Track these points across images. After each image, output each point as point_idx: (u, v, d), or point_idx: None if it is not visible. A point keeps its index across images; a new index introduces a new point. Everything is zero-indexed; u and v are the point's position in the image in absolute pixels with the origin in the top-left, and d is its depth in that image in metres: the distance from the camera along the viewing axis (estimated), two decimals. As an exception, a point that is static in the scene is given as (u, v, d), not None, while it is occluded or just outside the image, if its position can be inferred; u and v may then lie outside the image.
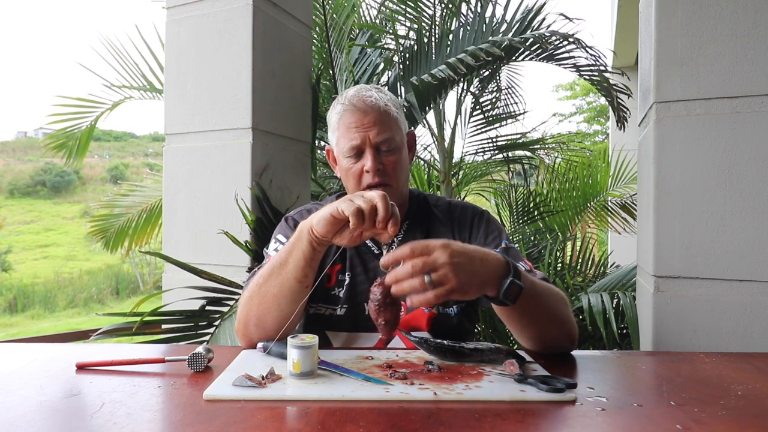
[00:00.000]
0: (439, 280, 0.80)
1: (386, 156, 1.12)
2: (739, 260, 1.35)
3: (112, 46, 3.17)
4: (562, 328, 0.99)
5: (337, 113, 1.15)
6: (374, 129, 1.11)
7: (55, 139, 3.33)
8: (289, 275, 0.97)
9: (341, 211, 0.88)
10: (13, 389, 0.80)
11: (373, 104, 1.12)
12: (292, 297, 0.99)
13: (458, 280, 0.81)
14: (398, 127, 1.16)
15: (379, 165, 1.10)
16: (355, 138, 1.11)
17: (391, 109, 1.14)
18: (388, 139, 1.12)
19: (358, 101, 1.12)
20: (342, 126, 1.13)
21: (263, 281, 1.00)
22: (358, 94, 1.14)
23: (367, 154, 1.11)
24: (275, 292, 0.99)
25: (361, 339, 1.13)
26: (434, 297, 0.80)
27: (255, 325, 1.01)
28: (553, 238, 3.14)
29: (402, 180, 1.16)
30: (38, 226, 25.40)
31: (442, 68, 2.02)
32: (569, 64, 2.29)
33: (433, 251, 0.81)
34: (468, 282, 0.82)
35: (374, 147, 1.11)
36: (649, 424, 0.67)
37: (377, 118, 1.11)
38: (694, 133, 1.39)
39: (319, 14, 2.49)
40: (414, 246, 0.82)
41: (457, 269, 0.81)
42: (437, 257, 0.81)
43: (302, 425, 0.67)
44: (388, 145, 1.12)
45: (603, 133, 14.86)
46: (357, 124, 1.11)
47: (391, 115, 1.14)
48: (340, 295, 1.14)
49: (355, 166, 1.12)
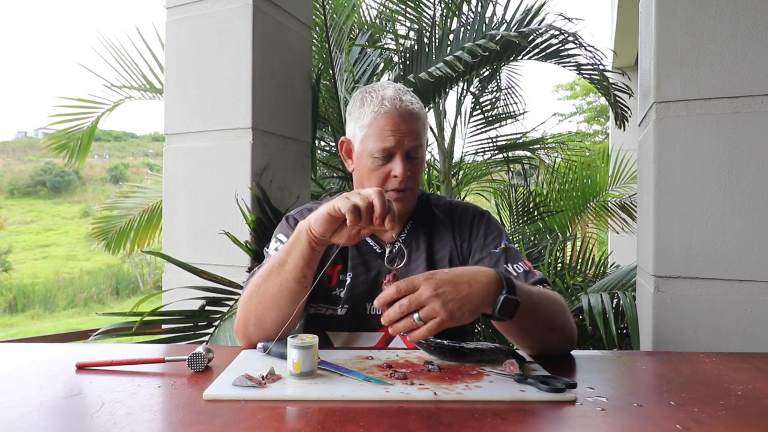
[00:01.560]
0: (428, 316, 0.82)
1: (414, 163, 1.13)
2: (739, 260, 1.35)
3: (112, 46, 3.17)
4: (562, 333, 0.99)
5: (373, 111, 1.11)
6: (409, 136, 1.10)
7: (56, 139, 3.33)
8: (288, 275, 0.97)
9: (338, 209, 0.88)
10: (13, 389, 0.80)
11: (413, 112, 1.11)
12: (291, 297, 0.99)
13: (446, 310, 0.82)
14: (426, 134, 1.17)
15: (408, 172, 1.10)
16: (390, 141, 1.09)
17: (422, 116, 1.15)
18: (418, 147, 1.12)
19: (400, 106, 1.10)
20: (376, 126, 1.11)
21: (262, 281, 1.00)
22: (399, 97, 1.11)
23: (398, 159, 1.10)
24: (274, 292, 0.99)
25: (361, 339, 1.13)
26: (427, 332, 0.81)
27: (254, 325, 1.01)
28: (553, 238, 3.14)
29: (420, 184, 1.18)
30: (38, 226, 25.41)
31: (440, 66, 2.02)
32: (571, 64, 2.29)
33: (417, 287, 0.83)
34: (458, 309, 0.83)
35: (405, 154, 1.11)
36: (649, 424, 0.67)
37: (414, 126, 1.11)
38: (694, 133, 1.39)
39: (319, 14, 2.49)
40: (399, 285, 0.83)
41: (444, 301, 0.82)
42: (421, 293, 0.82)
43: (302, 425, 0.66)
44: (417, 153, 1.13)
45: (603, 133, 14.86)
46: (394, 128, 1.09)
47: (424, 123, 1.15)
48: (341, 296, 1.14)
49: (381, 169, 1.11)
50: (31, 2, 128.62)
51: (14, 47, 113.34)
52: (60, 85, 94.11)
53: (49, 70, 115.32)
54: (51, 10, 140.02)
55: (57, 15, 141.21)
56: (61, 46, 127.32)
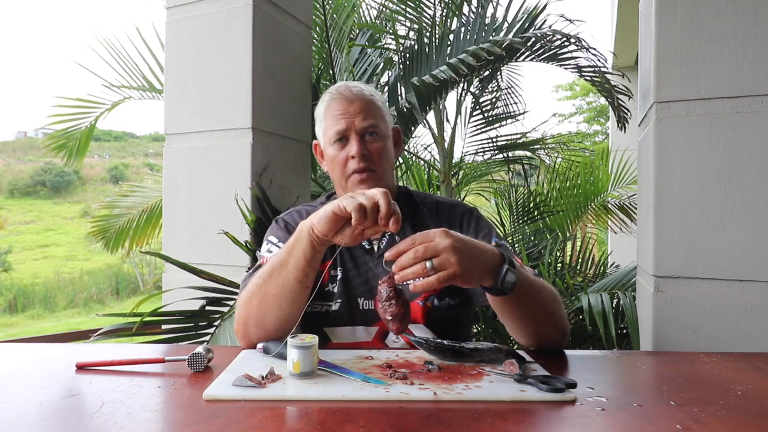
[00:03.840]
0: (441, 265, 0.83)
1: (371, 143, 1.15)
2: (739, 260, 1.35)
3: (112, 46, 3.17)
4: (556, 323, 1.02)
5: (324, 103, 1.19)
6: (360, 116, 1.14)
7: (55, 139, 3.33)
8: (290, 276, 0.97)
9: (343, 207, 0.88)
10: (13, 389, 0.80)
11: (359, 93, 1.17)
12: (292, 297, 0.99)
13: (460, 264, 0.83)
14: (383, 117, 1.19)
15: (364, 150, 1.13)
16: (340, 123, 1.14)
17: (376, 99, 1.19)
18: (372, 125, 1.15)
19: (344, 90, 1.17)
20: (329, 115, 1.17)
21: (263, 282, 1.00)
22: (345, 85, 1.19)
23: (353, 140, 1.14)
24: (276, 293, 0.99)
25: (358, 332, 1.13)
26: (437, 281, 0.82)
27: (255, 326, 1.01)
28: (553, 238, 3.14)
29: (387, 169, 1.19)
30: (38, 226, 25.41)
31: (444, 69, 2.02)
32: (571, 65, 2.29)
33: (434, 238, 0.84)
34: (469, 268, 0.84)
35: (359, 134, 1.14)
36: (649, 424, 0.67)
37: (362, 106, 1.15)
38: (694, 133, 1.39)
39: (319, 14, 2.49)
40: (415, 235, 0.85)
41: (458, 254, 0.83)
42: (438, 243, 0.83)
43: (302, 425, 0.66)
44: (373, 132, 1.15)
45: (603, 133, 14.87)
46: (343, 111, 1.15)
47: (376, 104, 1.18)
48: (334, 291, 1.15)
49: (340, 153, 1.15)
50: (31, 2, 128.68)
51: (14, 47, 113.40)
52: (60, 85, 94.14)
53: (49, 70, 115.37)
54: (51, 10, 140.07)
55: (57, 15, 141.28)
56: (61, 46, 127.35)
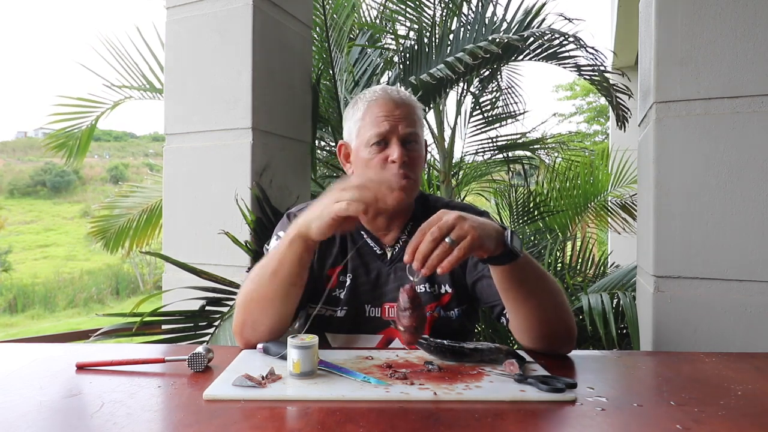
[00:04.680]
0: (459, 236, 0.82)
1: (412, 151, 1.11)
2: (739, 260, 1.35)
3: (112, 46, 3.17)
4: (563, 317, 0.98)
5: (364, 103, 1.13)
6: (404, 121, 1.10)
7: (54, 138, 3.33)
8: (284, 279, 0.97)
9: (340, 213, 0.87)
10: (13, 389, 0.80)
11: (406, 97, 1.14)
12: (287, 299, 0.99)
13: (474, 229, 0.83)
14: (422, 126, 1.17)
15: (405, 157, 1.09)
16: (384, 126, 1.09)
17: (418, 107, 1.16)
18: (415, 133, 1.12)
19: (391, 92, 1.13)
20: (369, 115, 1.11)
21: (256, 286, 1.00)
22: (390, 88, 1.15)
23: (394, 144, 1.09)
24: (270, 296, 0.98)
25: (360, 341, 1.13)
26: (463, 251, 0.82)
27: (251, 328, 1.01)
28: (553, 238, 3.14)
29: (420, 179, 1.16)
30: (38, 226, 25.40)
31: (441, 67, 2.02)
32: (570, 64, 2.29)
33: (440, 217, 0.84)
34: (482, 232, 0.84)
35: (401, 139, 1.10)
36: (649, 424, 0.67)
37: (408, 111, 1.12)
38: (694, 133, 1.39)
39: (319, 14, 2.49)
40: (421, 227, 0.84)
41: (468, 221, 0.84)
42: (448, 218, 0.83)
43: (302, 425, 0.66)
44: (413, 141, 1.12)
45: (603, 133, 14.86)
46: (388, 113, 1.10)
47: (418, 113, 1.15)
48: (341, 297, 1.13)
49: (378, 156, 1.10)
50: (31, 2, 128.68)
51: (14, 47, 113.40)
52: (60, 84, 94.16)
53: (49, 70, 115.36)
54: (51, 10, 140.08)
55: (57, 15, 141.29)
56: (61, 46, 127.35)
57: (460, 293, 1.14)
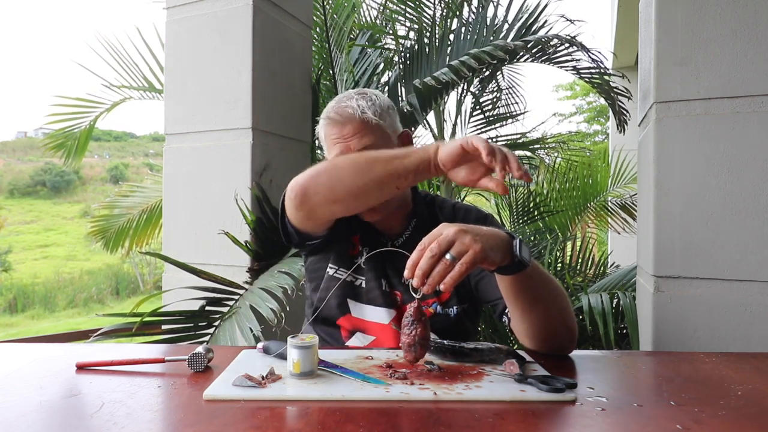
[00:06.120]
0: (460, 251, 0.80)
1: None
2: (739, 260, 1.35)
3: (112, 46, 3.17)
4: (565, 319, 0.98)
5: (322, 128, 1.15)
6: (354, 138, 1.10)
7: (53, 138, 3.33)
8: (391, 169, 0.95)
9: (472, 144, 0.86)
10: (13, 389, 0.80)
11: (349, 115, 1.11)
12: (374, 186, 0.97)
13: (476, 242, 0.80)
14: (382, 131, 1.13)
15: None
16: (337, 148, 1.11)
17: (368, 116, 1.11)
18: (369, 145, 1.10)
19: (334, 114, 1.12)
20: (327, 140, 1.14)
21: (364, 160, 0.98)
22: (336, 105, 1.14)
23: None
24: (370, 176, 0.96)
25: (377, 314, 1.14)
26: (463, 267, 0.79)
27: (327, 187, 0.99)
28: (553, 238, 3.14)
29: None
30: (38, 226, 25.42)
31: (445, 71, 2.02)
32: (569, 67, 2.29)
33: (440, 232, 0.82)
34: (486, 244, 0.81)
35: None
36: (649, 424, 0.67)
37: (356, 127, 1.10)
38: (694, 133, 1.39)
39: (319, 14, 2.49)
40: (421, 242, 0.82)
41: (473, 235, 0.81)
42: (447, 233, 0.81)
43: (302, 425, 0.66)
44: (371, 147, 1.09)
45: (603, 133, 14.86)
46: (337, 136, 1.11)
47: (370, 122, 1.11)
48: (362, 266, 1.16)
49: None
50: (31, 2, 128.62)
51: (14, 47, 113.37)
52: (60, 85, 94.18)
53: (49, 70, 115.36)
54: (50, 10, 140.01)
55: (56, 15, 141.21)
56: (60, 46, 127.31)
57: (462, 293, 1.15)
